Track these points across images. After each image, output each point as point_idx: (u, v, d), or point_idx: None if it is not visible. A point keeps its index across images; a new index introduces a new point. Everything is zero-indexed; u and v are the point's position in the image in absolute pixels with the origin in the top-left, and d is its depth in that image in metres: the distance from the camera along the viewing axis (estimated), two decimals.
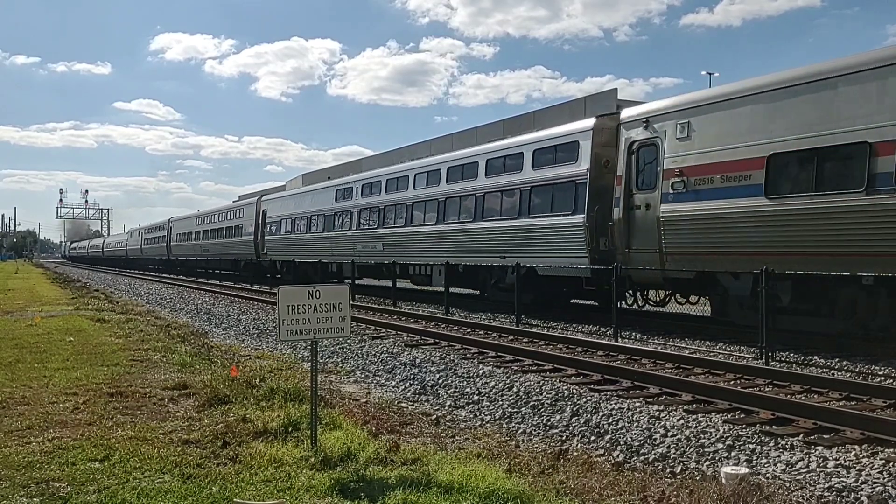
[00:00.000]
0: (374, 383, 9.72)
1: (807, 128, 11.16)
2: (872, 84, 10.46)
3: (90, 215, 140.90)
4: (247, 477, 5.12)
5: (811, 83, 11.26)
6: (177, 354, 10.98)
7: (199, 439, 6.08)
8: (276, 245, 34.76)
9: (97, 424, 6.59)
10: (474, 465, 5.45)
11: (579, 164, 16.00)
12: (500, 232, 18.45)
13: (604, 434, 6.84)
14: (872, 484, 5.20)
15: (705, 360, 10.12)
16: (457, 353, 11.74)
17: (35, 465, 5.35)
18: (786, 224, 11.52)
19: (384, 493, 4.77)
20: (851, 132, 10.54)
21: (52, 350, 11.31)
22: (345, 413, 7.05)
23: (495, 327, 14.86)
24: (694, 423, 6.89)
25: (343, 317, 6.04)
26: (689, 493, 4.94)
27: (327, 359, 11.36)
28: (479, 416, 7.73)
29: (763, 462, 5.86)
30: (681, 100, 14.04)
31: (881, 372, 9.78)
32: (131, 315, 18.31)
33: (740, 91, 12.53)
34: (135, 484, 4.94)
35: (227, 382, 8.18)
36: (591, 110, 28.19)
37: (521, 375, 9.53)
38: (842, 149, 10.72)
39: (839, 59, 11.33)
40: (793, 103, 11.52)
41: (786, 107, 11.61)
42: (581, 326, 15.36)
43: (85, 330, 14.46)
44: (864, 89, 10.52)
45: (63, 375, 9.04)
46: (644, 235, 14.05)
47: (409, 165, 25.15)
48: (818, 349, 11.38)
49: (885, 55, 10.61)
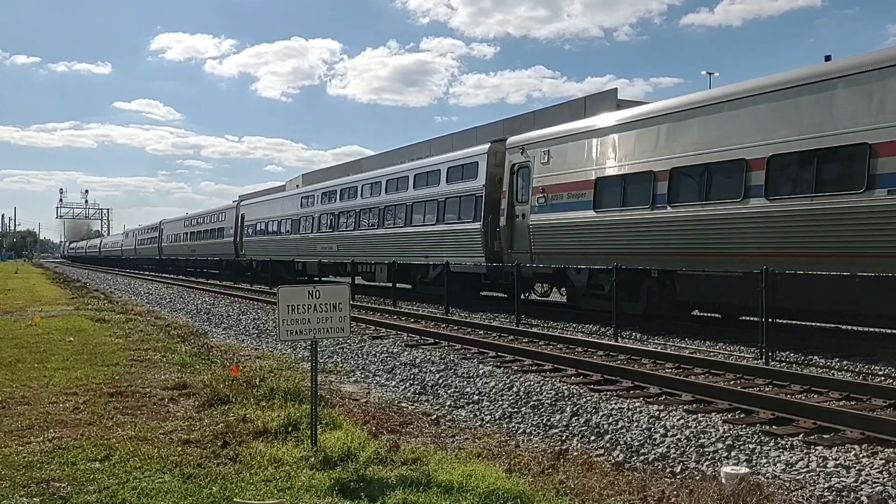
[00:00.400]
0: (374, 383, 9.72)
1: (622, 159, 15.10)
2: (664, 127, 14.29)
3: (90, 215, 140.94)
4: (247, 477, 5.12)
5: (623, 125, 15.33)
6: (177, 354, 10.99)
7: (199, 439, 6.09)
8: (252, 246, 38.25)
9: (97, 424, 6.59)
10: (474, 464, 5.45)
11: (478, 180, 19.72)
12: (423, 236, 22.13)
13: (604, 434, 6.84)
14: (872, 484, 5.20)
15: (705, 360, 10.12)
16: (457, 352, 11.74)
17: (35, 465, 5.36)
18: (607, 230, 15.25)
19: (384, 493, 4.78)
20: (644, 163, 14.48)
21: (52, 350, 11.31)
22: (345, 413, 7.05)
23: (495, 327, 14.87)
24: (694, 423, 6.89)
25: (343, 317, 6.04)
26: (689, 493, 4.94)
27: (327, 359, 11.36)
28: (479, 416, 7.73)
29: (763, 462, 5.86)
30: (544, 132, 17.89)
31: (881, 372, 9.78)
32: (131, 315, 18.32)
33: (579, 129, 16.58)
34: (135, 484, 4.94)
35: (227, 382, 8.18)
36: (591, 110, 28.41)
37: (521, 375, 9.53)
38: (639, 175, 14.53)
39: (646, 106, 15.97)
40: (612, 140, 15.39)
41: (608, 142, 15.48)
42: (581, 326, 15.37)
43: (85, 330, 14.46)
44: (659, 130, 14.43)
45: (63, 375, 9.05)
46: (521, 239, 17.74)
47: (358, 177, 29.24)
48: (818, 349, 11.40)
49: (663, 105, 14.76)
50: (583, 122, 17.06)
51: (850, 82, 11.09)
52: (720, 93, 13.51)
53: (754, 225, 12.22)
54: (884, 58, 10.83)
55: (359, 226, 26.53)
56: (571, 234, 16.11)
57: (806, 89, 11.68)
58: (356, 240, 26.57)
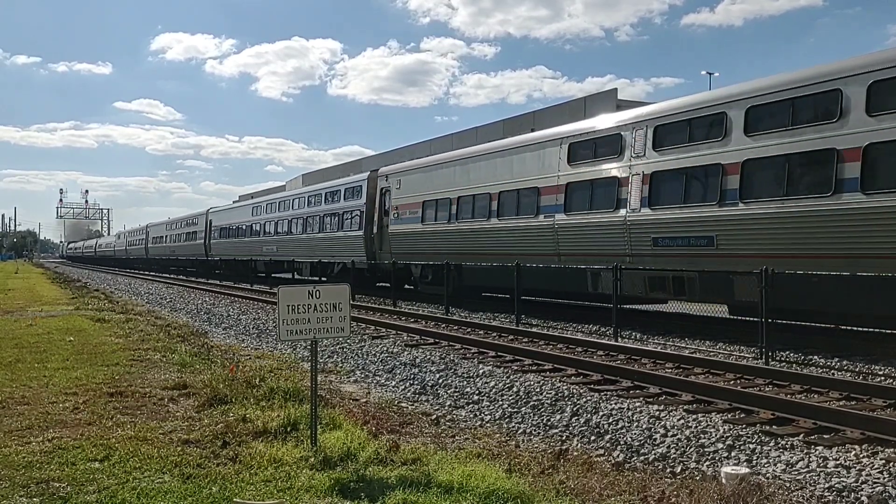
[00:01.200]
0: (374, 383, 9.71)
1: (436, 188, 21.95)
2: (456, 168, 21.41)
3: (90, 215, 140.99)
4: (247, 477, 5.11)
5: (439, 164, 22.39)
6: (177, 354, 10.98)
7: (198, 439, 6.08)
8: (217, 247, 45.76)
9: (97, 424, 6.59)
10: (474, 464, 5.45)
11: (361, 199, 26.54)
12: (330, 240, 28.81)
13: (604, 434, 6.84)
14: (872, 484, 5.20)
15: (705, 360, 10.12)
16: (457, 352, 11.74)
17: (35, 465, 5.35)
18: (429, 237, 22.09)
19: (384, 493, 4.77)
20: (445, 192, 21.46)
21: (52, 350, 11.30)
22: (345, 413, 7.05)
23: (495, 327, 14.87)
24: (694, 423, 6.89)
25: (343, 317, 6.03)
26: (689, 493, 4.94)
27: (327, 359, 11.36)
28: (479, 416, 7.73)
29: (763, 462, 5.85)
30: (398, 166, 25.50)
31: (881, 372, 9.78)
32: (131, 315, 18.30)
33: (415, 166, 24.12)
34: (135, 484, 4.94)
35: (227, 382, 8.17)
36: (591, 110, 28.61)
37: (521, 375, 9.53)
38: (442, 201, 21.50)
39: (448, 153, 23.66)
40: (433, 174, 22.40)
41: (431, 177, 22.41)
42: (581, 326, 15.37)
43: (85, 330, 14.46)
44: (454, 170, 21.51)
45: (63, 375, 9.04)
46: (386, 244, 24.53)
47: (291, 192, 38.85)
48: (818, 349, 11.40)
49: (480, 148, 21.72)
50: (418, 161, 24.99)
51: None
52: (482, 149, 20.90)
53: (495, 235, 19.13)
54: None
55: (290, 232, 33.64)
56: (409, 240, 23.11)
57: (502, 153, 19.56)
58: (289, 243, 33.45)
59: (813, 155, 11.72)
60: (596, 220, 15.75)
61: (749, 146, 12.65)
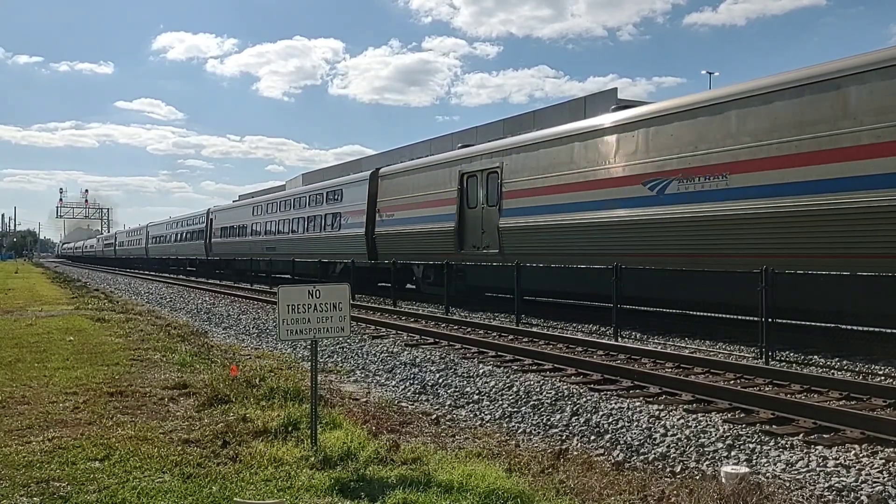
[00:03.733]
0: (374, 383, 9.72)
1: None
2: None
3: (90, 215, 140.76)
4: (247, 476, 5.12)
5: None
6: (177, 354, 10.98)
7: (199, 439, 6.08)
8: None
9: (97, 424, 6.59)
10: (474, 464, 5.45)
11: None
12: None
13: (604, 433, 6.84)
14: (872, 483, 5.20)
15: (705, 360, 10.12)
16: (457, 352, 11.74)
17: (35, 465, 5.35)
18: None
19: (384, 493, 4.77)
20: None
21: (52, 349, 11.30)
22: (345, 412, 7.05)
23: (495, 327, 14.86)
24: (694, 423, 6.89)
25: (343, 316, 6.03)
26: (689, 493, 4.94)
27: (327, 358, 11.36)
28: (479, 416, 7.73)
29: (763, 461, 5.86)
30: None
31: (881, 371, 9.78)
32: (131, 315, 18.30)
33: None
34: (135, 483, 4.94)
35: (227, 382, 8.17)
36: (591, 109, 28.62)
37: (521, 375, 9.52)
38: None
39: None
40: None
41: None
42: (581, 326, 15.37)
43: (85, 329, 14.46)
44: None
45: (63, 375, 9.04)
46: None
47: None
48: (818, 349, 11.40)
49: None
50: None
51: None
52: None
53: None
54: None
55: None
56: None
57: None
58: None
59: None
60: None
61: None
